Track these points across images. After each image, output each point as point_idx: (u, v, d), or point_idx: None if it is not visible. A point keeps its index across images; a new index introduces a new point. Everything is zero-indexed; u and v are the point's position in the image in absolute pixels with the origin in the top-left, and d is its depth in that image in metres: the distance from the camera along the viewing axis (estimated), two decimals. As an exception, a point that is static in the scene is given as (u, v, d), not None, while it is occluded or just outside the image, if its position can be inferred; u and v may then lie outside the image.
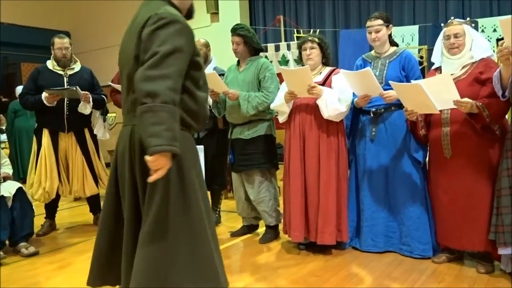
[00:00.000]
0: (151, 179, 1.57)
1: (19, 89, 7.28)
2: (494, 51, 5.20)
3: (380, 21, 3.15)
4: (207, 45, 3.98)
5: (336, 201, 3.11)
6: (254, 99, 3.34)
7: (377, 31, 3.15)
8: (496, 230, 2.56)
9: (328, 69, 3.25)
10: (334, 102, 3.02)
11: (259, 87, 3.43)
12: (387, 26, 3.18)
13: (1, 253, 3.28)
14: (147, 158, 1.54)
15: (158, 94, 1.53)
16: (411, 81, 2.93)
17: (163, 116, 1.53)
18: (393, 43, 3.28)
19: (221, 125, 3.91)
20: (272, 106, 3.32)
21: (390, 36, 3.24)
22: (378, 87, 2.96)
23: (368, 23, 3.19)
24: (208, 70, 3.70)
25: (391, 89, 2.91)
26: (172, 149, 1.54)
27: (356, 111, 3.27)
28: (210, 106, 3.63)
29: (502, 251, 2.55)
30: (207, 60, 3.96)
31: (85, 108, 3.95)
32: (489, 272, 2.71)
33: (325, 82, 3.15)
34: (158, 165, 1.54)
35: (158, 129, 1.52)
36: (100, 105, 4.17)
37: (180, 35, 1.64)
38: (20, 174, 6.71)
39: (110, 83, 4.21)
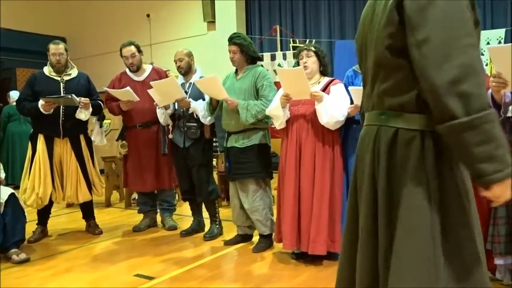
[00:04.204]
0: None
1: (12, 93, 7.26)
2: (487, 64, 5.29)
3: None
4: (189, 55, 3.93)
5: (330, 211, 3.08)
6: (253, 107, 3.35)
7: None
8: (492, 240, 2.59)
9: (326, 79, 3.26)
10: (334, 109, 3.03)
11: (256, 96, 3.44)
12: None
13: None
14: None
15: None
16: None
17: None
18: None
19: (207, 134, 3.88)
20: (267, 111, 3.30)
21: None
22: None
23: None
24: (195, 80, 3.73)
25: None
26: None
27: (347, 119, 3.27)
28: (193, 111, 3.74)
29: (498, 261, 2.58)
30: (190, 70, 3.94)
31: (81, 113, 3.94)
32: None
33: (324, 92, 3.16)
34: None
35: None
36: (97, 111, 4.16)
37: None
38: (9, 179, 6.49)
39: (105, 88, 4.19)
